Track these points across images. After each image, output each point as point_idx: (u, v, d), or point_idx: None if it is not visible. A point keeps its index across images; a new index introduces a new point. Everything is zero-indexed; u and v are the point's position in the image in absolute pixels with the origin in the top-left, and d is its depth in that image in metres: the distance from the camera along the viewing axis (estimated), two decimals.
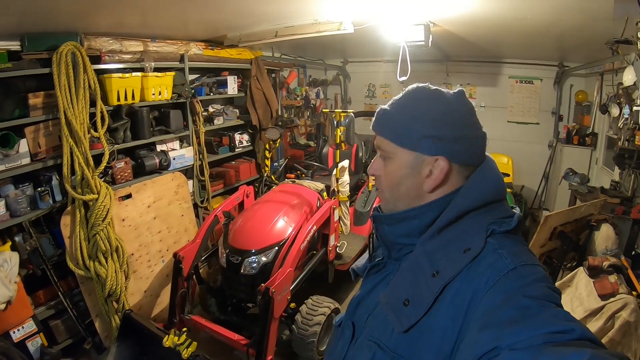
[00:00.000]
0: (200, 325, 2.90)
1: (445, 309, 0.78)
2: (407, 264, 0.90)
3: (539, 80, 5.97)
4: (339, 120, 3.73)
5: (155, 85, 3.52)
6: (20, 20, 2.56)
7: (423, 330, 0.80)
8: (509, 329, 0.65)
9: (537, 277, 0.75)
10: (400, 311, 0.83)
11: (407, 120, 0.92)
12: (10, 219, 2.76)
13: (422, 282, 0.83)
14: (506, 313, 0.68)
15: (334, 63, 7.35)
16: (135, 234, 3.31)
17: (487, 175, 0.91)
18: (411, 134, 0.91)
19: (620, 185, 4.09)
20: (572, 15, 3.03)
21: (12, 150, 2.71)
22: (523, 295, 0.70)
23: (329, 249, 3.43)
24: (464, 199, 0.87)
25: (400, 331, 0.82)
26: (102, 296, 2.99)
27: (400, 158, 0.93)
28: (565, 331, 0.62)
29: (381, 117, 0.98)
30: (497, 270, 0.76)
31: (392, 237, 0.97)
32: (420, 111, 0.92)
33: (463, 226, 0.86)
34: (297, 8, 3.14)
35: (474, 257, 0.80)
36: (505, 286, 0.73)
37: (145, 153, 3.59)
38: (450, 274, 0.80)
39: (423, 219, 0.91)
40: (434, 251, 0.85)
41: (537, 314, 0.66)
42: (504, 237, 0.83)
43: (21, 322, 2.71)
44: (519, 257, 0.78)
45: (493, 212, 0.87)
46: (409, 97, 0.96)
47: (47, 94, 2.86)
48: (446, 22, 3.58)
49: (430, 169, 0.90)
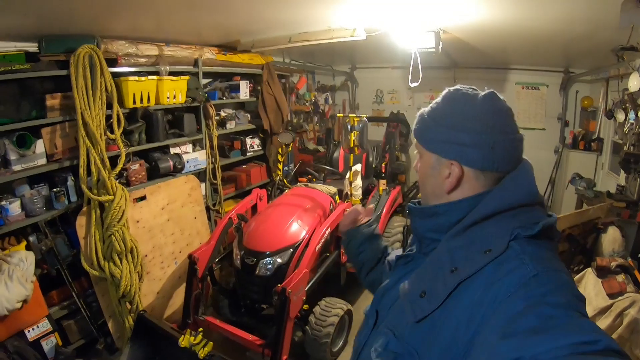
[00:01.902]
0: (214, 326, 2.92)
1: (462, 307, 0.78)
2: (430, 259, 0.92)
3: (545, 86, 6.03)
4: (353, 125, 3.78)
5: (169, 89, 3.57)
6: (38, 22, 2.60)
7: (435, 324, 0.81)
8: (532, 338, 0.64)
9: (560, 284, 0.74)
10: (415, 302, 0.86)
11: (431, 124, 0.97)
12: (26, 218, 2.79)
13: (440, 276, 0.84)
14: (529, 322, 0.67)
15: (342, 69, 7.44)
16: (149, 235, 3.34)
17: (518, 181, 0.90)
18: (433, 137, 0.96)
19: (626, 190, 4.11)
20: (580, 25, 3.08)
21: (28, 151, 2.74)
22: (546, 303, 0.68)
23: (342, 251, 3.46)
24: (492, 201, 0.87)
25: (413, 321, 0.85)
26: (116, 297, 3.01)
27: (426, 158, 0.99)
28: (590, 342, 0.61)
29: (417, 120, 1.03)
30: (519, 276, 0.74)
31: (422, 230, 1.00)
32: (443, 115, 0.96)
33: (489, 227, 0.85)
34: (310, 14, 3.19)
35: (493, 258, 0.79)
36: (527, 293, 0.72)
37: (159, 156, 3.62)
38: (467, 272, 0.80)
39: (451, 216, 0.92)
40: (456, 248, 0.86)
41: (561, 323, 0.65)
42: (528, 242, 0.81)
43: (36, 322, 2.73)
44: (542, 263, 0.76)
45: (523, 215, 0.85)
46: (440, 100, 1.00)
47: (65, 96, 2.90)
48: (455, 29, 3.64)
49: (448, 172, 0.93)
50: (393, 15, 3.17)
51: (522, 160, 0.95)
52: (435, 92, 6.35)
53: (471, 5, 2.81)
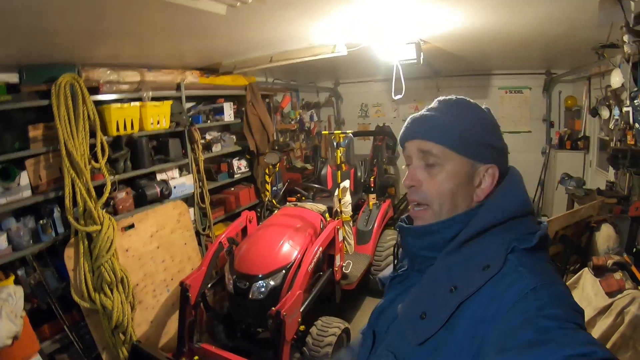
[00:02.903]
0: (210, 353, 2.84)
1: (463, 326, 0.77)
2: (427, 277, 0.89)
3: (528, 89, 6.12)
4: (339, 141, 3.78)
5: (153, 115, 3.55)
6: (18, 53, 2.58)
7: (438, 345, 0.79)
8: (528, 352, 0.63)
9: (558, 296, 0.73)
10: (416, 324, 0.83)
11: (462, 126, 0.90)
12: (13, 252, 2.72)
13: (439, 296, 0.82)
14: (525, 335, 0.66)
15: (325, 85, 7.48)
16: (139, 263, 3.28)
17: (511, 189, 0.89)
18: (468, 140, 0.89)
19: (615, 185, 4.14)
20: (556, 26, 3.13)
21: (13, 183, 2.69)
22: (543, 316, 0.68)
23: (335, 269, 3.42)
24: (488, 213, 0.86)
25: (416, 344, 0.81)
26: (108, 328, 2.94)
27: (455, 165, 0.89)
28: (586, 354, 0.60)
29: (427, 121, 0.93)
30: (517, 290, 0.74)
31: (414, 249, 0.96)
32: (473, 119, 0.92)
33: (485, 242, 0.84)
34: (290, 32, 3.20)
35: (492, 275, 0.78)
36: (524, 307, 0.71)
37: (145, 182, 3.58)
38: (467, 291, 0.79)
39: (446, 234, 0.89)
40: (453, 266, 0.84)
41: (557, 336, 0.64)
42: (525, 254, 0.81)
43: (28, 358, 2.63)
44: (540, 276, 0.76)
45: (517, 227, 0.85)
46: (453, 105, 0.94)
47: (47, 126, 2.86)
48: (436, 39, 3.68)
49: (480, 179, 0.90)
50: (373, 29, 3.19)
51: (510, 169, 0.94)
52: (419, 102, 6.42)
53: (449, 14, 2.84)
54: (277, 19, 2.68)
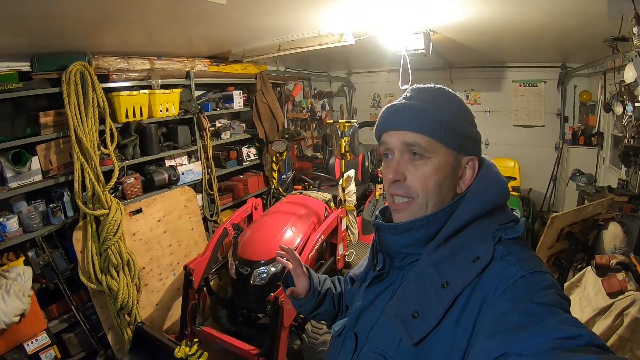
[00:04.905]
0: (211, 336, 2.91)
1: (455, 319, 0.77)
2: (413, 275, 0.87)
3: (543, 82, 5.98)
4: (343, 130, 3.78)
5: (162, 102, 3.60)
6: (30, 42, 2.65)
7: (433, 342, 0.78)
8: (517, 335, 0.65)
9: (546, 285, 0.74)
10: (409, 324, 0.81)
11: (449, 117, 0.87)
12: (24, 234, 2.82)
13: (431, 293, 0.81)
14: (514, 319, 0.68)
15: (338, 75, 7.45)
16: (146, 247, 3.36)
17: (490, 180, 0.89)
18: (455, 131, 0.87)
19: (627, 184, 4.06)
20: (568, 18, 3.06)
21: (24, 168, 2.78)
22: (531, 301, 0.69)
23: (337, 257, 3.45)
24: (472, 206, 0.85)
25: (411, 344, 0.80)
26: (114, 309, 3.03)
27: (441, 157, 0.87)
28: (573, 337, 0.62)
29: (410, 112, 0.88)
30: (506, 279, 0.75)
31: (395, 246, 0.93)
32: (457, 109, 0.90)
33: (469, 234, 0.84)
34: (298, 21, 3.21)
35: (484, 266, 0.78)
36: (513, 294, 0.73)
37: (154, 168, 3.66)
38: (461, 285, 0.78)
39: (430, 229, 0.87)
40: (441, 261, 0.83)
41: (545, 319, 0.66)
42: (511, 243, 0.82)
43: (35, 335, 2.75)
44: (527, 265, 0.77)
45: (497, 217, 0.86)
46: (436, 94, 0.91)
47: (58, 113, 2.94)
48: (445, 29, 3.63)
49: (462, 171, 0.89)
50: (380, 18, 3.18)
51: (484, 159, 0.93)
52: None
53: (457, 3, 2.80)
54: (283, 6, 2.69)
